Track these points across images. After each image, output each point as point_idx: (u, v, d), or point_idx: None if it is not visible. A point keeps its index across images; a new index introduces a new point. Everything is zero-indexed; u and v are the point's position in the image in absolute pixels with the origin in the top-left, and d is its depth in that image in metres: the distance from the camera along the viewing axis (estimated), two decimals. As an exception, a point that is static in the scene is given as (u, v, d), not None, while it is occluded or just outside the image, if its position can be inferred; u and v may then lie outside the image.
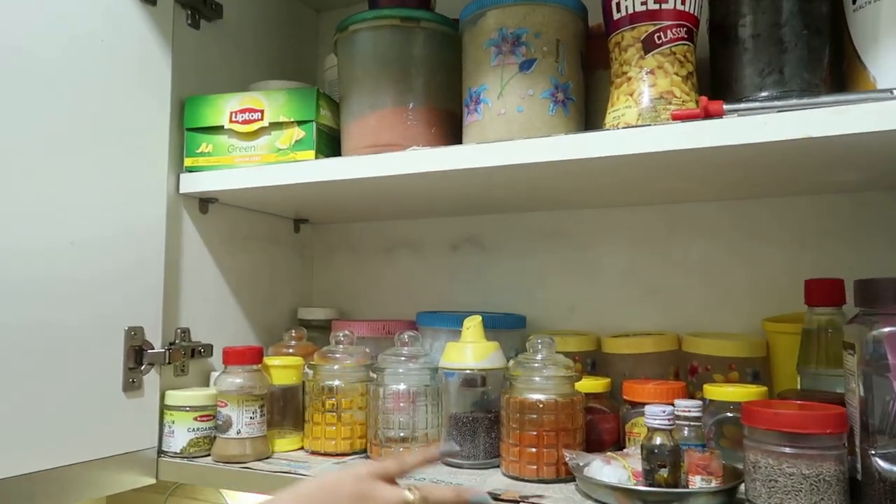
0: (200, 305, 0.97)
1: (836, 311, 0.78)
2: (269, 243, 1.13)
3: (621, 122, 0.73)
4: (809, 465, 0.59)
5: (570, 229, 1.05)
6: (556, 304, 1.05)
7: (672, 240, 0.99)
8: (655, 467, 0.66)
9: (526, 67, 0.77)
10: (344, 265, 1.23)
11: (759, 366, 0.86)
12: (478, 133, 0.79)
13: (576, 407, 0.77)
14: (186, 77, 0.94)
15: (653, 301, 0.99)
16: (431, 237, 1.15)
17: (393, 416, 0.85)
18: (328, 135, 0.91)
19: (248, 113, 0.90)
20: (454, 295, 1.12)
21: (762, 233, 0.94)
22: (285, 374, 0.92)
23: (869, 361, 0.61)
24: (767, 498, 0.61)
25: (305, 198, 0.99)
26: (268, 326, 1.11)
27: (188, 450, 0.87)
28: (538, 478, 0.75)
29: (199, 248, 0.97)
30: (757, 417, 0.62)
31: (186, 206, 0.95)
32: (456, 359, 0.83)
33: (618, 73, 0.75)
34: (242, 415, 0.85)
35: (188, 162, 0.93)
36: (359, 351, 0.92)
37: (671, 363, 0.90)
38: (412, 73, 0.84)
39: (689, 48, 0.73)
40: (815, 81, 0.69)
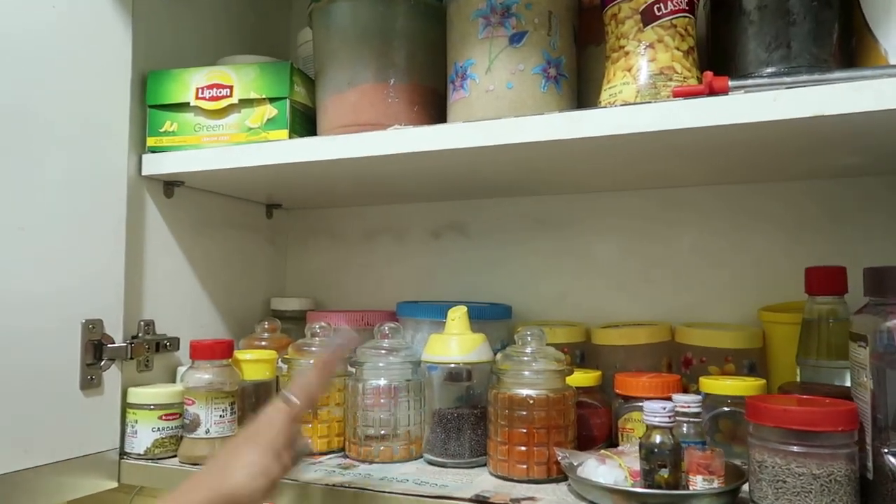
0: (166, 296, 0.91)
1: (837, 301, 0.74)
2: (239, 229, 1.06)
3: (619, 99, 0.68)
4: (820, 465, 0.56)
5: (559, 215, 1.01)
6: (543, 294, 1.00)
7: (665, 226, 0.95)
8: (655, 467, 0.62)
9: (516, 41, 0.72)
10: (320, 253, 1.17)
11: (755, 357, 0.82)
12: (464, 111, 0.74)
13: (567, 402, 0.73)
14: (148, 49, 0.87)
15: (645, 290, 0.95)
16: (413, 223, 1.10)
17: (373, 412, 0.80)
18: (303, 113, 0.85)
19: (216, 89, 0.84)
20: (437, 284, 1.07)
21: (758, 219, 0.90)
22: (257, 368, 0.86)
23: (882, 354, 0.57)
24: (775, 499, 0.57)
25: (278, 181, 0.93)
26: (239, 318, 1.05)
27: (153, 451, 0.81)
28: (528, 478, 0.71)
29: (163, 235, 0.91)
30: (763, 414, 0.58)
31: (149, 190, 0.89)
32: (440, 352, 0.79)
33: (614, 48, 0.71)
34: (211, 413, 0.80)
35: (151, 142, 0.86)
36: (336, 344, 0.87)
37: (664, 355, 0.87)
38: (394, 47, 0.79)
39: (691, 21, 0.69)
40: (824, 56, 0.65)
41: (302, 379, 0.67)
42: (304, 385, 0.66)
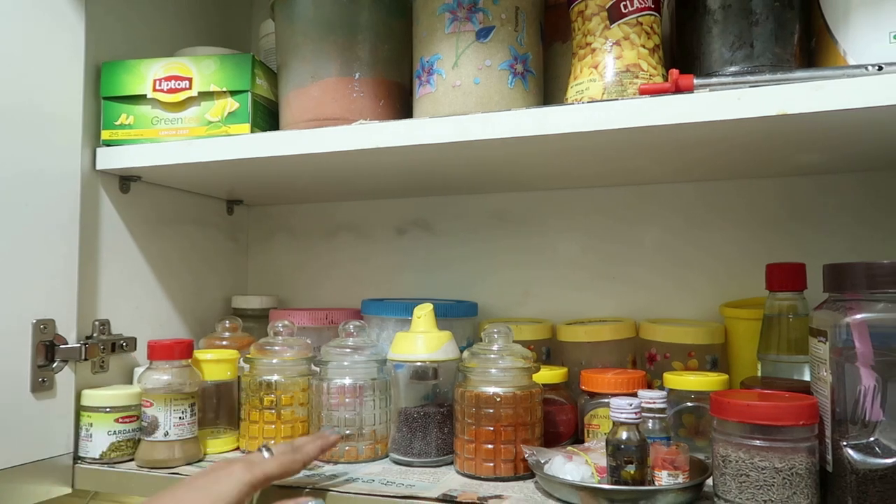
0: (122, 295, 0.88)
1: (797, 297, 0.76)
2: (199, 226, 1.04)
3: (585, 96, 0.68)
4: (782, 458, 0.56)
5: (523, 212, 1.01)
6: (509, 291, 1.00)
7: (629, 223, 0.96)
8: (622, 463, 0.62)
9: (483, 36, 0.71)
10: (282, 250, 1.15)
11: (717, 353, 0.84)
12: (430, 106, 0.73)
13: (534, 399, 0.73)
14: (103, 39, 0.84)
15: (610, 287, 0.96)
16: (377, 220, 1.09)
17: (337, 412, 0.79)
18: (265, 107, 0.83)
19: (175, 81, 0.81)
20: (402, 281, 1.06)
21: (721, 216, 0.92)
22: (218, 369, 0.84)
23: (841, 349, 0.58)
24: (738, 493, 0.58)
25: (240, 176, 0.91)
26: (199, 317, 1.02)
27: (108, 455, 0.78)
28: (495, 476, 0.70)
29: (119, 232, 0.88)
30: (727, 409, 0.59)
31: (104, 185, 0.86)
32: (406, 350, 0.78)
33: (581, 45, 0.70)
34: (170, 415, 0.77)
35: (105, 135, 0.83)
36: (299, 343, 0.85)
37: (629, 351, 0.87)
38: (358, 41, 0.77)
39: (656, 19, 0.69)
40: (786, 56, 0.66)
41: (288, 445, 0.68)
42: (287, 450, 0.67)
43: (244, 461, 0.63)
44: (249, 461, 0.63)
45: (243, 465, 0.62)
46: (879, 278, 0.58)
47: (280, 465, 0.64)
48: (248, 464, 0.62)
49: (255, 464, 0.62)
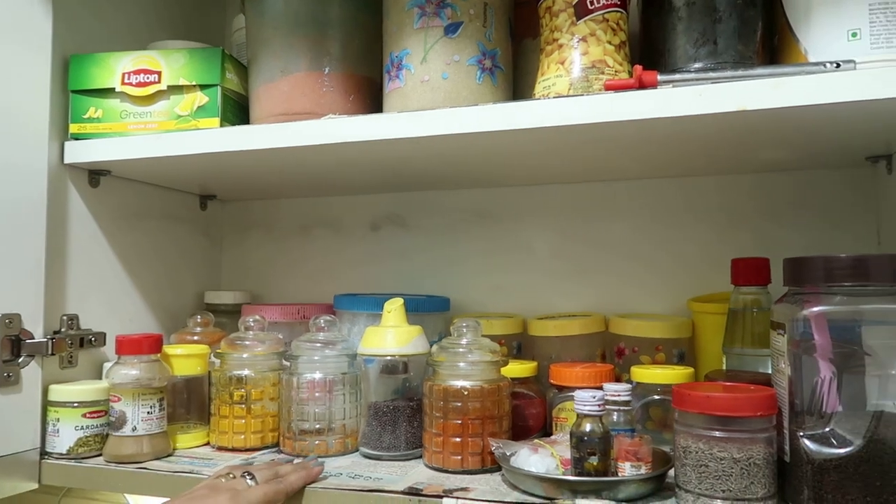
0: (91, 290, 0.87)
1: (761, 291, 0.77)
2: (171, 221, 1.03)
3: (552, 91, 0.69)
4: (740, 449, 0.57)
5: (497, 208, 1.01)
6: (481, 286, 1.01)
7: (600, 219, 0.97)
8: (585, 455, 0.63)
9: (451, 31, 0.72)
10: (256, 246, 1.14)
11: (685, 347, 0.85)
12: (399, 101, 0.73)
13: (502, 393, 0.73)
14: (71, 31, 0.83)
15: (581, 281, 0.97)
16: (351, 216, 1.09)
17: (308, 406, 0.79)
18: (235, 101, 0.83)
19: (144, 74, 0.81)
20: (375, 277, 1.06)
21: (689, 212, 0.93)
22: (188, 363, 0.84)
23: (798, 342, 0.59)
24: (698, 483, 0.59)
25: (211, 171, 0.90)
26: (171, 312, 1.02)
27: (76, 450, 0.78)
28: (463, 469, 0.71)
29: (89, 226, 0.87)
30: (687, 401, 0.60)
31: (73, 179, 0.85)
32: (376, 344, 0.78)
33: (548, 40, 0.71)
34: (138, 410, 0.77)
35: (74, 128, 0.82)
36: (271, 338, 0.85)
37: (598, 345, 0.88)
38: (328, 35, 0.77)
39: (622, 16, 0.70)
40: (749, 53, 0.67)
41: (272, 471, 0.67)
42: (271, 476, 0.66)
43: (229, 491, 0.62)
44: (234, 491, 0.62)
45: (228, 496, 0.61)
46: (836, 272, 0.59)
47: (265, 496, 0.63)
48: (232, 494, 0.61)
49: (239, 494, 0.62)
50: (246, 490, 0.63)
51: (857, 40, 0.61)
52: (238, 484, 0.64)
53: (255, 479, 0.65)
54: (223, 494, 0.61)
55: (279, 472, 0.67)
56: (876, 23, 0.60)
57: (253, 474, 0.65)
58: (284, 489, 0.65)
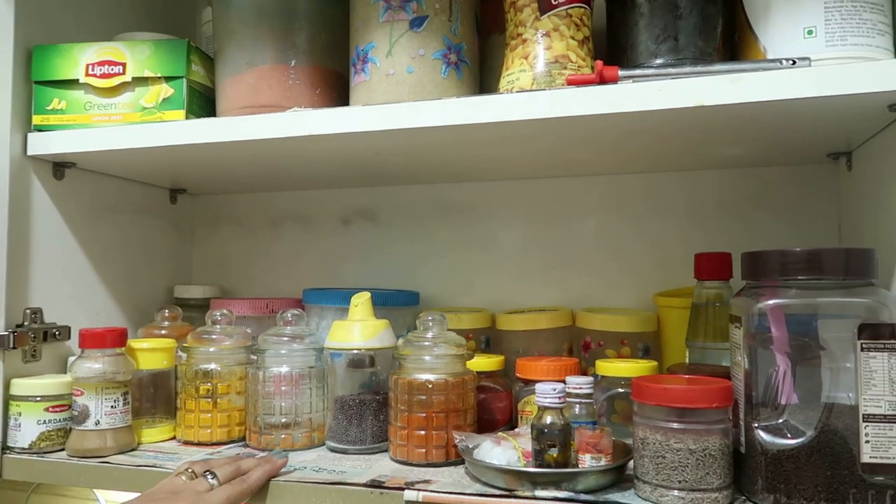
0: (56, 283, 0.86)
1: (723, 285, 0.78)
2: (140, 215, 1.02)
3: (516, 86, 0.69)
4: (696, 440, 0.58)
5: (467, 202, 1.02)
6: (452, 281, 1.01)
7: (568, 214, 0.97)
8: (546, 447, 0.63)
9: (417, 25, 0.72)
10: (227, 240, 1.14)
11: (650, 340, 0.85)
12: (365, 95, 0.73)
13: (467, 386, 0.74)
14: (34, 21, 0.82)
15: (549, 276, 0.97)
16: (321, 210, 1.09)
17: (274, 400, 0.79)
18: (201, 94, 0.82)
19: (108, 66, 0.80)
20: (346, 271, 1.06)
21: (655, 207, 0.94)
22: (154, 357, 0.83)
23: (754, 334, 0.60)
24: (655, 474, 0.59)
25: (178, 164, 0.90)
26: (140, 306, 1.01)
27: (38, 444, 0.77)
28: (427, 461, 0.71)
29: (53, 219, 0.86)
30: (646, 393, 0.61)
31: (37, 171, 0.84)
32: (342, 338, 0.78)
33: (513, 35, 0.71)
34: (102, 404, 0.76)
35: (37, 120, 0.82)
36: (238, 332, 0.85)
37: (565, 339, 0.89)
38: (295, 28, 0.77)
39: (586, 11, 0.70)
40: (709, 50, 0.67)
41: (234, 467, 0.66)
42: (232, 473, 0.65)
43: (191, 493, 0.61)
44: (195, 493, 0.61)
45: (190, 500, 0.60)
46: (791, 265, 0.60)
47: (227, 498, 0.62)
48: (194, 498, 0.61)
49: (201, 497, 0.61)
50: (208, 492, 0.62)
51: (813, 38, 0.62)
52: (199, 485, 0.63)
53: (216, 477, 0.64)
54: (184, 498, 0.61)
55: (241, 469, 0.67)
56: (831, 21, 0.61)
57: (215, 473, 0.64)
58: (248, 489, 0.65)
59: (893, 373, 0.55)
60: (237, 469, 0.66)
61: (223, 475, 0.64)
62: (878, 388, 0.55)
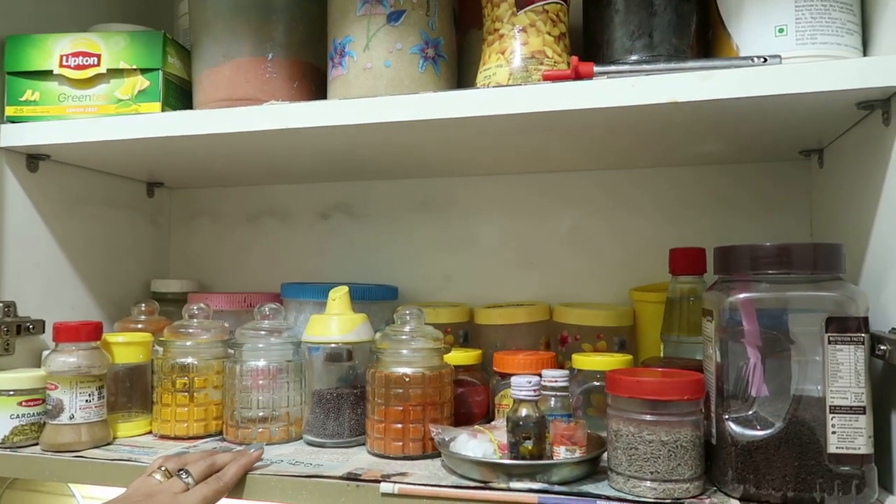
0: (29, 277, 0.85)
1: (697, 280, 0.79)
2: (116, 208, 1.01)
3: (492, 81, 0.69)
4: (668, 432, 0.59)
5: (445, 198, 1.02)
6: (430, 275, 1.02)
7: (545, 210, 0.98)
8: (521, 439, 0.64)
9: (394, 19, 0.72)
10: (204, 234, 1.13)
11: (625, 335, 0.86)
12: (342, 89, 0.73)
13: (444, 380, 0.74)
14: (6, 12, 0.81)
15: (527, 271, 0.98)
16: (299, 204, 1.08)
17: (252, 394, 0.79)
18: (177, 86, 0.82)
19: (83, 57, 0.79)
20: (324, 266, 1.06)
21: (632, 203, 0.95)
22: (129, 351, 0.83)
23: (725, 328, 0.61)
24: (628, 465, 0.60)
25: (153, 157, 0.89)
26: (116, 300, 1.00)
27: (11, 438, 0.77)
28: (403, 455, 0.71)
29: (27, 212, 0.86)
30: (619, 385, 0.61)
31: (10, 163, 0.83)
32: (320, 332, 0.78)
33: (490, 31, 0.72)
34: (76, 398, 0.76)
35: (10, 111, 0.81)
36: (216, 326, 0.84)
37: (542, 333, 0.89)
38: (272, 20, 0.77)
39: (563, 8, 0.71)
40: (683, 47, 0.68)
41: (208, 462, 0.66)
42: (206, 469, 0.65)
43: (166, 495, 0.61)
44: (170, 495, 0.61)
45: (165, 501, 0.60)
46: (762, 260, 0.61)
47: (203, 499, 0.62)
48: (170, 498, 0.60)
49: (176, 499, 0.61)
50: (183, 493, 0.62)
51: (784, 36, 0.63)
52: (174, 485, 0.63)
53: (191, 475, 0.64)
54: (159, 501, 0.60)
55: (216, 464, 0.66)
56: (801, 19, 0.62)
57: (189, 471, 0.64)
58: (224, 487, 0.65)
59: (859, 365, 0.57)
60: (212, 465, 0.66)
61: (198, 472, 0.64)
62: (845, 381, 0.57)
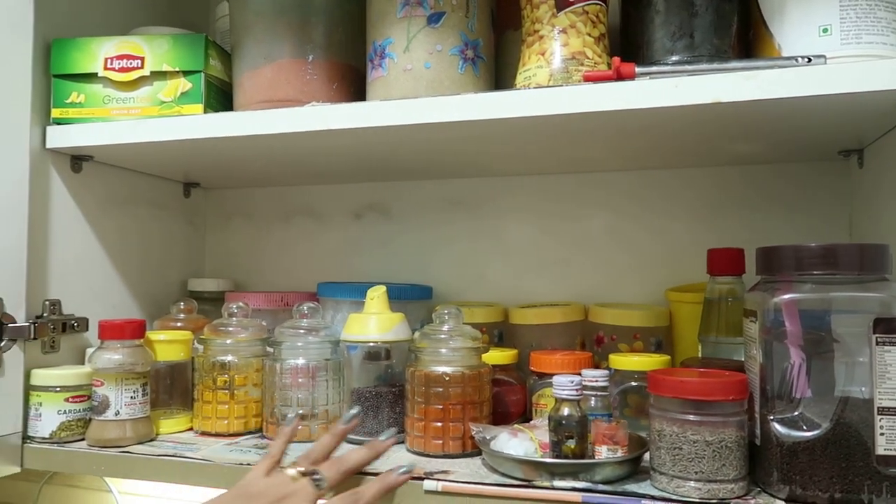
0: (73, 275, 0.87)
1: (736, 281, 0.79)
2: (154, 208, 1.03)
3: (533, 82, 0.70)
4: (713, 432, 0.59)
5: (478, 197, 1.02)
6: (464, 275, 1.02)
7: (579, 209, 0.98)
8: (563, 438, 0.64)
9: (434, 21, 0.72)
10: (239, 234, 1.15)
11: (662, 335, 0.86)
12: (382, 90, 0.74)
13: (483, 379, 0.75)
14: (53, 15, 0.83)
15: (560, 271, 0.98)
16: (333, 204, 1.09)
17: (291, 392, 0.80)
18: (218, 88, 0.83)
19: (127, 60, 0.81)
20: (357, 265, 1.07)
21: (666, 203, 0.94)
22: (171, 349, 0.85)
23: (770, 329, 0.61)
24: (672, 465, 0.60)
25: (194, 158, 0.91)
26: (154, 299, 1.02)
27: (58, 434, 0.78)
28: (444, 453, 0.72)
29: (71, 211, 0.87)
30: (662, 386, 0.62)
31: (55, 164, 0.85)
32: (359, 331, 0.79)
33: (529, 32, 0.72)
34: (121, 394, 0.77)
35: (56, 113, 0.82)
36: (254, 324, 0.86)
37: (577, 333, 0.90)
38: (312, 22, 0.78)
39: (602, 9, 0.71)
40: (724, 47, 0.68)
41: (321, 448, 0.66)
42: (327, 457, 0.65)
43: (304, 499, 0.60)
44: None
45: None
46: (807, 260, 0.60)
47: None
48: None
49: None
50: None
51: (829, 36, 0.63)
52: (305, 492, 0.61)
53: (323, 479, 0.62)
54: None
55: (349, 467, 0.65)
56: (846, 19, 0.62)
57: (322, 475, 0.62)
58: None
59: (907, 366, 0.56)
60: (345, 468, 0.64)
61: (331, 478, 0.63)
62: (893, 382, 0.56)
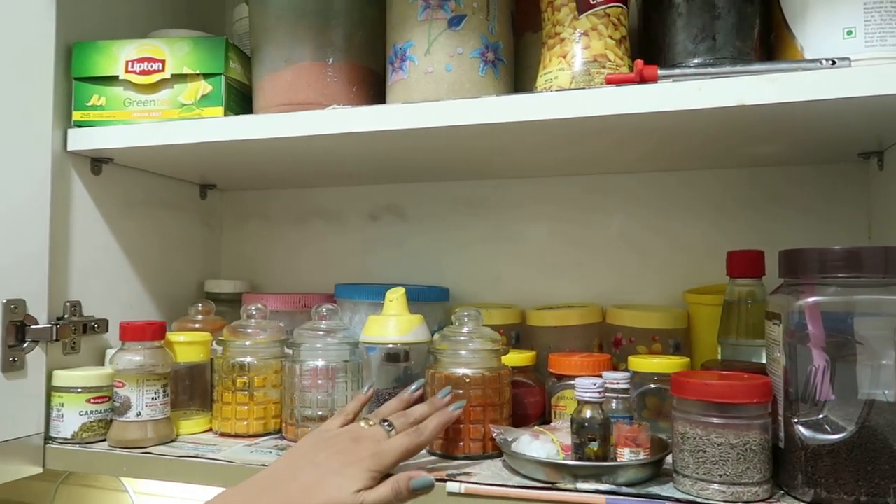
0: (93, 277, 0.88)
1: (756, 283, 0.79)
2: (172, 210, 1.04)
3: (554, 84, 0.70)
4: (737, 435, 0.59)
5: (494, 199, 1.03)
6: (479, 277, 1.02)
7: (596, 211, 0.98)
8: (586, 441, 0.64)
9: (455, 24, 0.72)
10: (255, 235, 1.15)
11: (680, 337, 0.86)
12: (403, 93, 0.74)
13: (503, 381, 0.75)
14: (74, 19, 0.83)
15: (577, 273, 0.98)
16: (350, 206, 1.10)
17: (310, 393, 0.80)
18: (238, 91, 0.83)
19: (147, 63, 0.81)
20: (374, 267, 1.07)
21: (683, 205, 0.94)
22: (191, 350, 0.85)
23: (793, 332, 0.61)
24: (695, 468, 0.60)
25: (213, 160, 0.91)
26: (171, 300, 1.02)
27: (80, 435, 0.79)
28: (465, 454, 0.72)
29: (91, 213, 0.88)
30: (686, 388, 0.61)
31: (76, 166, 0.85)
32: (378, 332, 0.79)
33: (550, 34, 0.72)
34: (143, 395, 0.78)
35: (77, 116, 0.83)
36: (272, 326, 0.86)
37: (595, 335, 0.90)
38: (332, 25, 0.78)
39: (623, 11, 0.71)
40: (746, 50, 0.68)
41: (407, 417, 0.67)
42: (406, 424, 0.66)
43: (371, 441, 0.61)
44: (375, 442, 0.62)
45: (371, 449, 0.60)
46: (830, 263, 0.60)
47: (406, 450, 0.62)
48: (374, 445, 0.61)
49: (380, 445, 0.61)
50: (386, 440, 0.62)
51: (853, 38, 0.62)
52: (377, 433, 0.63)
53: (393, 427, 0.64)
54: (365, 447, 0.61)
55: (414, 417, 0.67)
56: (871, 21, 0.62)
57: (391, 422, 0.65)
58: (424, 440, 0.64)
59: (933, 370, 0.56)
60: (412, 419, 0.66)
61: (399, 424, 0.65)
62: (919, 385, 0.56)
